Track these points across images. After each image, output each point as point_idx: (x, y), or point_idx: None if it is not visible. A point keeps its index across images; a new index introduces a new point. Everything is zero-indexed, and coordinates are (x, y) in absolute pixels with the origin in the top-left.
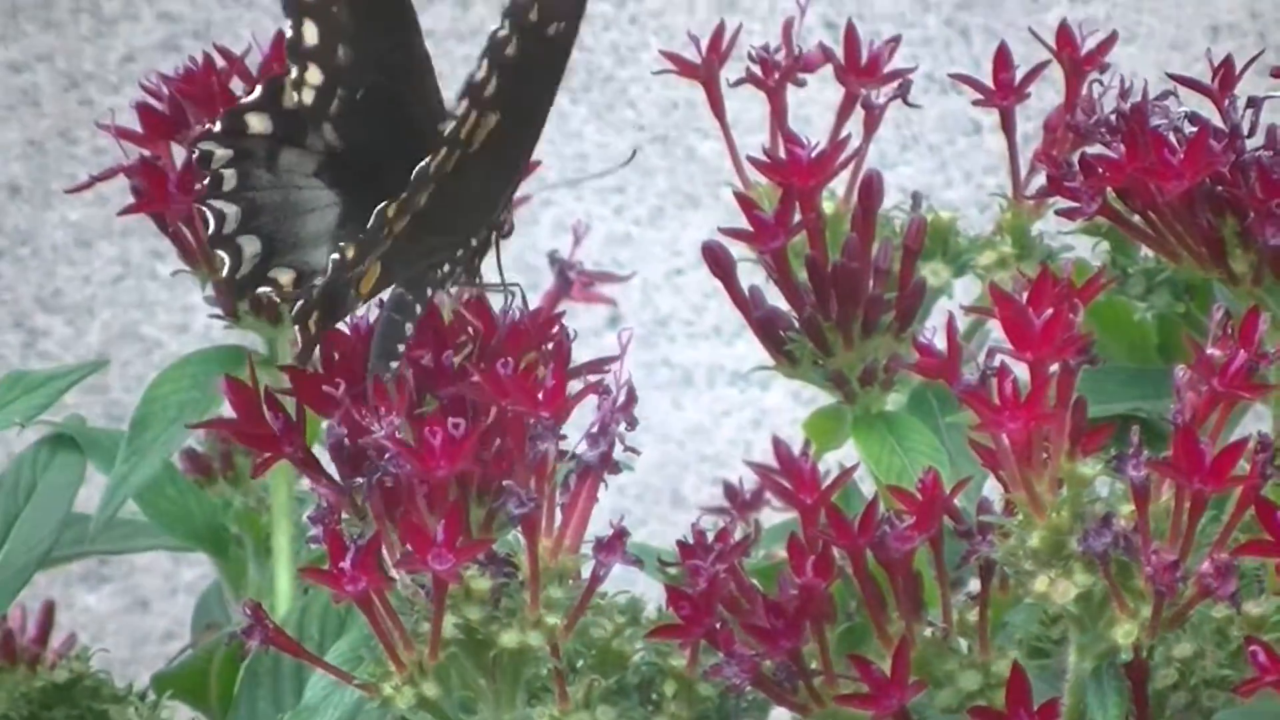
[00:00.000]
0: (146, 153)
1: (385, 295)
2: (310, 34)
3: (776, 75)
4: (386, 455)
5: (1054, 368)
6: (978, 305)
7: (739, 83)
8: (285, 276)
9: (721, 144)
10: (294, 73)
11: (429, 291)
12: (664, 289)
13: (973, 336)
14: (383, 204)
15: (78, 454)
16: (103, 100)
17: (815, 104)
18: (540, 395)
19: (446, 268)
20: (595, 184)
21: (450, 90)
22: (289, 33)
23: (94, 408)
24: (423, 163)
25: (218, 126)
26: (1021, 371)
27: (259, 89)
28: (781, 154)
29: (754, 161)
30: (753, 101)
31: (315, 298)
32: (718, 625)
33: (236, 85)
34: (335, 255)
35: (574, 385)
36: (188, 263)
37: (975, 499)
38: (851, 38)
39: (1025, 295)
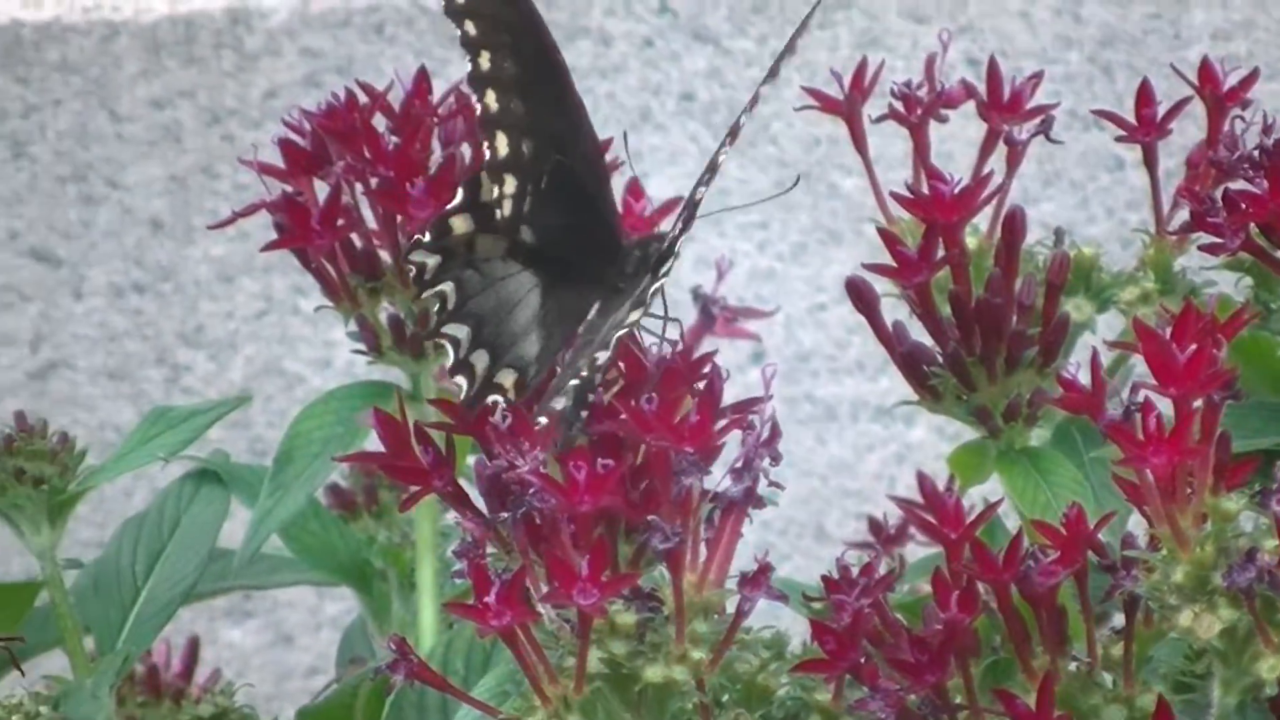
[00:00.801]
0: (289, 188)
1: None
2: (502, 144)
3: (919, 111)
4: (531, 490)
5: (1198, 403)
6: (1121, 340)
7: (881, 119)
8: (508, 379)
9: (864, 180)
10: (494, 190)
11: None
12: (807, 324)
13: (1116, 371)
14: (617, 330)
15: (222, 489)
16: (244, 136)
17: (957, 140)
18: (685, 430)
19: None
20: (739, 219)
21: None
22: (486, 152)
23: (237, 443)
24: (653, 284)
25: (426, 236)
26: (1166, 407)
27: (460, 193)
28: (925, 189)
29: (897, 197)
30: (895, 138)
31: (573, 409)
32: (862, 660)
33: (379, 121)
34: (584, 372)
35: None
36: (330, 298)
37: (1120, 534)
38: (994, 74)
39: (1169, 330)
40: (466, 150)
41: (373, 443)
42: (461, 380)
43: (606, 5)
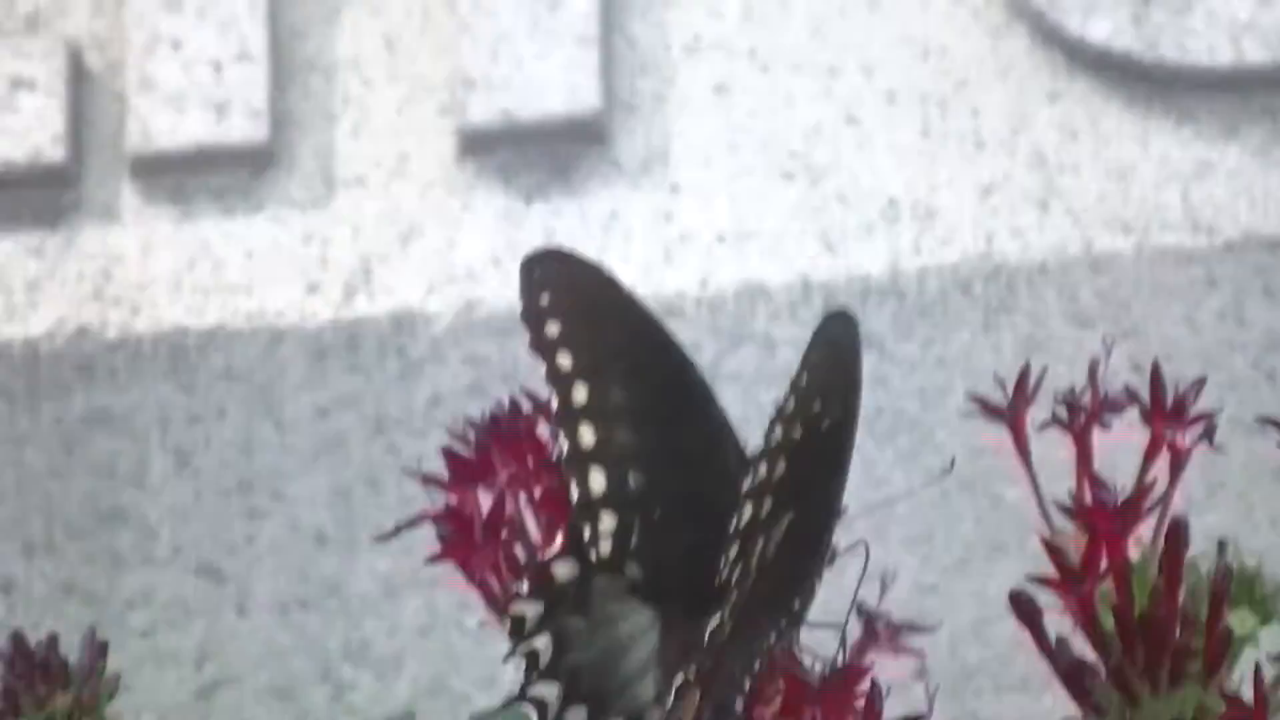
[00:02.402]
0: (453, 499)
1: None
2: (598, 482)
3: (1083, 418)
4: None
5: None
6: None
7: (1045, 426)
8: None
9: (1028, 489)
10: (586, 531)
11: (756, 667)
12: (970, 640)
13: (1279, 685)
14: (709, 631)
15: None
16: (408, 445)
17: (1120, 447)
18: None
19: (773, 637)
20: (901, 532)
21: (757, 438)
22: (574, 491)
23: None
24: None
25: (524, 588)
26: None
27: (559, 538)
28: (1088, 499)
29: (1061, 507)
30: (1058, 445)
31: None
32: None
33: (544, 429)
34: (675, 690)
35: None
36: (494, 613)
37: None
38: (1156, 379)
39: None
40: None
41: None
42: None
43: (770, 310)
